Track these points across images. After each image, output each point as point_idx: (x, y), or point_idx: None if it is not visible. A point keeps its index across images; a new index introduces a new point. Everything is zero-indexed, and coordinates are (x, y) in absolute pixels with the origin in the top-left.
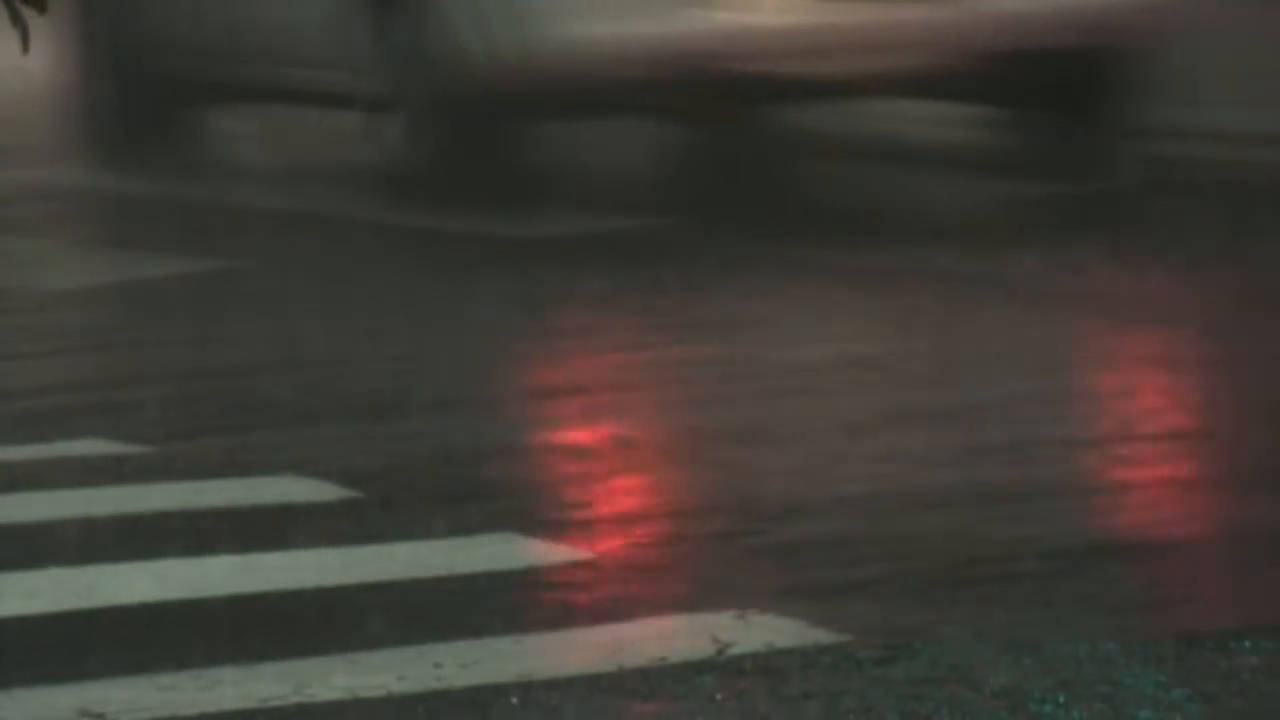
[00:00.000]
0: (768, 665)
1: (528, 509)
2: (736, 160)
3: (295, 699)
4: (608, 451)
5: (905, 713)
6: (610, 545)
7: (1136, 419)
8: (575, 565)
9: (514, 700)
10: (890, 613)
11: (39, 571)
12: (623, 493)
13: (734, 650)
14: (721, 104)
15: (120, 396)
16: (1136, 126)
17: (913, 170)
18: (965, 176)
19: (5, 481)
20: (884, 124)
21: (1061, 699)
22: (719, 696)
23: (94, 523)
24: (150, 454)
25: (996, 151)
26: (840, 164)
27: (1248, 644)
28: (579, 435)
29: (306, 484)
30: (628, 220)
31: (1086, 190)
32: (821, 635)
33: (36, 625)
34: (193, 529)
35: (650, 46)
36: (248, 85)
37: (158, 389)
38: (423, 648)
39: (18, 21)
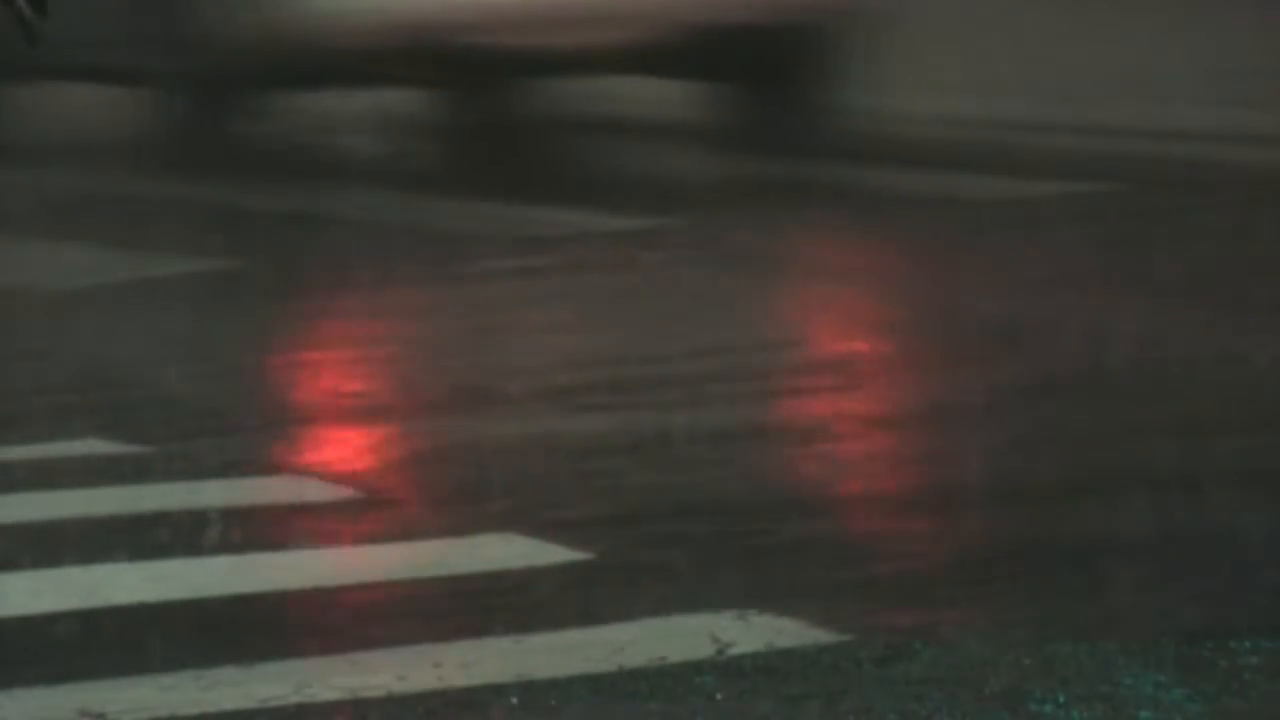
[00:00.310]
0: (768, 665)
1: (528, 509)
2: (474, 131)
3: (295, 699)
4: (606, 451)
5: (905, 713)
6: (610, 545)
7: (1110, 412)
8: (575, 565)
9: (514, 700)
10: (890, 613)
11: (39, 571)
12: (623, 493)
13: (734, 650)
14: (458, 76)
15: (120, 396)
16: (835, 104)
17: (632, 143)
18: (679, 149)
19: (5, 481)
20: (608, 101)
21: (1061, 699)
22: (719, 696)
23: (94, 523)
24: (150, 454)
25: (708, 126)
26: (569, 137)
27: (1248, 644)
28: (577, 435)
29: (306, 484)
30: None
31: (791, 163)
32: (821, 635)
33: (37, 625)
34: (193, 529)
35: (388, 19)
36: (43, 64)
37: (158, 389)
38: (422, 648)
39: (21, 22)
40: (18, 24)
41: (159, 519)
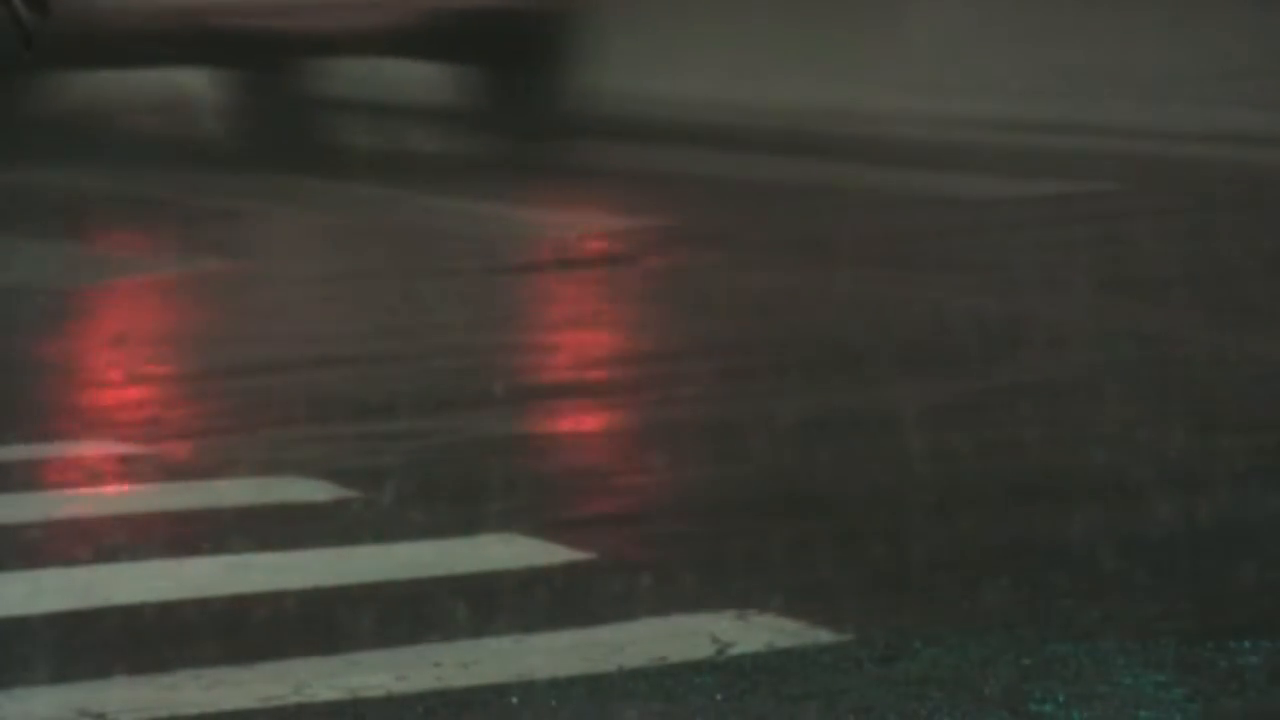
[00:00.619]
0: (768, 665)
1: (528, 509)
2: (250, 108)
3: (295, 699)
4: (607, 451)
5: (905, 713)
6: (610, 545)
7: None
8: (575, 565)
9: (514, 700)
10: (890, 613)
11: (39, 571)
12: (623, 493)
13: (734, 650)
14: (230, 57)
15: (120, 396)
16: (574, 85)
17: (385, 121)
18: (424, 127)
19: (5, 481)
20: (370, 82)
21: (1061, 699)
22: (719, 696)
23: (94, 523)
24: (150, 454)
25: (452, 105)
26: (340, 117)
27: (1248, 644)
28: (577, 434)
29: (306, 484)
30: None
31: (536, 140)
32: (821, 635)
33: (36, 625)
34: (192, 529)
35: (162, 2)
36: None
37: (158, 389)
38: (423, 648)
39: (19, 24)
40: (14, 26)
41: (158, 519)
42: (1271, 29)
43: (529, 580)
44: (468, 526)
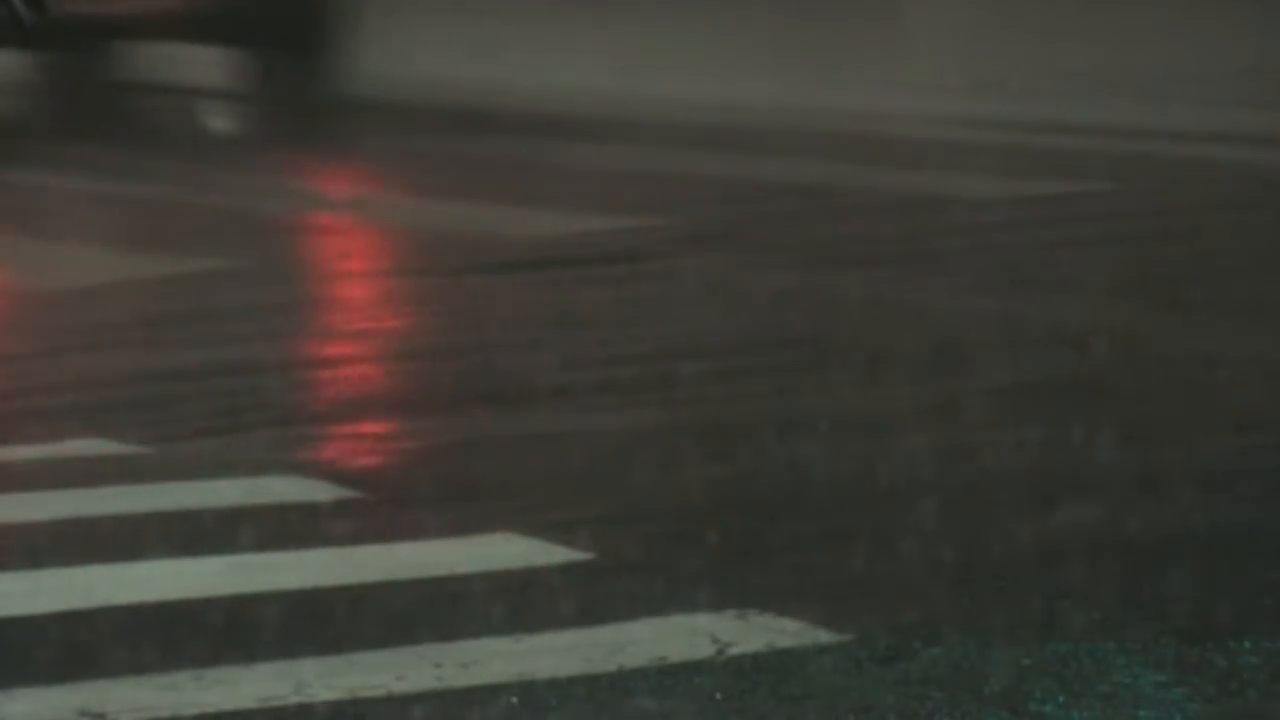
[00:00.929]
0: (768, 665)
1: (528, 509)
2: (60, 90)
3: (295, 699)
4: (608, 451)
5: (905, 713)
6: (610, 545)
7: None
8: (575, 565)
9: (514, 700)
10: (890, 613)
11: (39, 571)
12: (623, 493)
13: (734, 650)
14: (36, 40)
15: (120, 396)
16: (346, 66)
17: (175, 101)
18: (217, 107)
19: (5, 481)
20: (162, 65)
21: (1061, 699)
22: (719, 696)
23: (94, 523)
24: (150, 454)
25: (234, 85)
26: (147, 98)
27: (1248, 644)
28: (577, 434)
29: (306, 484)
30: None
31: (309, 117)
32: (821, 635)
33: (36, 625)
34: (192, 529)
35: None
36: None
37: (158, 389)
38: (423, 648)
39: (19, 21)
40: (15, 24)
41: (159, 519)
42: (1271, 29)
43: (529, 580)
44: (468, 526)
